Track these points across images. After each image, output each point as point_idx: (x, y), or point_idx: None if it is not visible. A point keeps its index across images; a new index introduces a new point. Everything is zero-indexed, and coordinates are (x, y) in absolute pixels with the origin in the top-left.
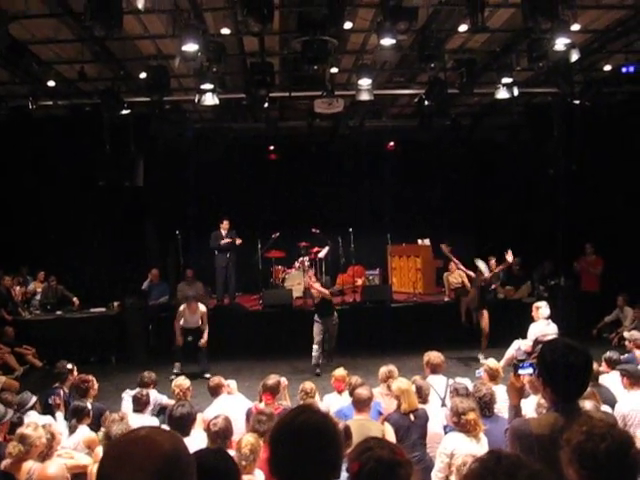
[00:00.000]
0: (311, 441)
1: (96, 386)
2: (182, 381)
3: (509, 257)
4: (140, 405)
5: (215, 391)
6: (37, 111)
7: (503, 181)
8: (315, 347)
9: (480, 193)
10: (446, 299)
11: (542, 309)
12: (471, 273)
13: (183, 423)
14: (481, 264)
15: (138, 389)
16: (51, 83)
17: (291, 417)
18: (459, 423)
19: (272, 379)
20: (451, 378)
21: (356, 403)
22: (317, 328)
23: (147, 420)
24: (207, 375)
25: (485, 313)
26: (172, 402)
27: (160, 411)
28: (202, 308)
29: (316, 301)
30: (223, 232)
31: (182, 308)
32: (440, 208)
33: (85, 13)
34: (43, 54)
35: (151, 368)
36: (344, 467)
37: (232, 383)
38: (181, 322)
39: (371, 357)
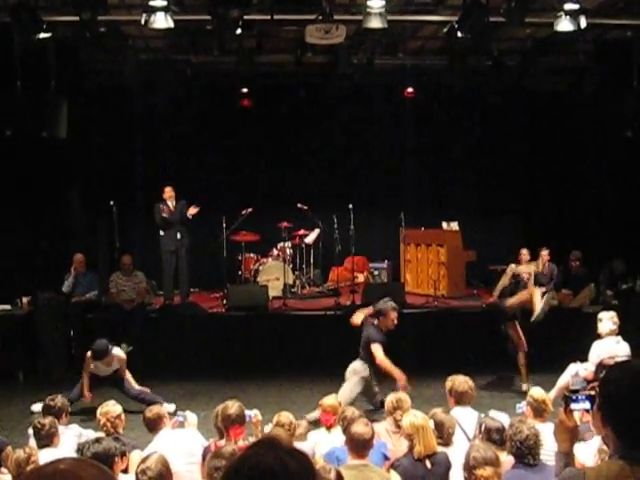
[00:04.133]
0: None
1: None
2: (110, 407)
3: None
4: (43, 438)
5: (154, 425)
6: None
7: (561, 145)
8: None
9: (529, 160)
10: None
11: (609, 322)
12: None
13: None
14: None
15: (39, 418)
16: None
17: (243, 458)
18: None
19: (233, 406)
20: (484, 412)
21: (352, 444)
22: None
23: (63, 455)
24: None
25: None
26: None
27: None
28: (120, 354)
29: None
30: (170, 203)
31: (89, 355)
32: (474, 180)
33: None
34: None
35: (72, 388)
36: None
37: (189, 416)
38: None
39: (375, 381)
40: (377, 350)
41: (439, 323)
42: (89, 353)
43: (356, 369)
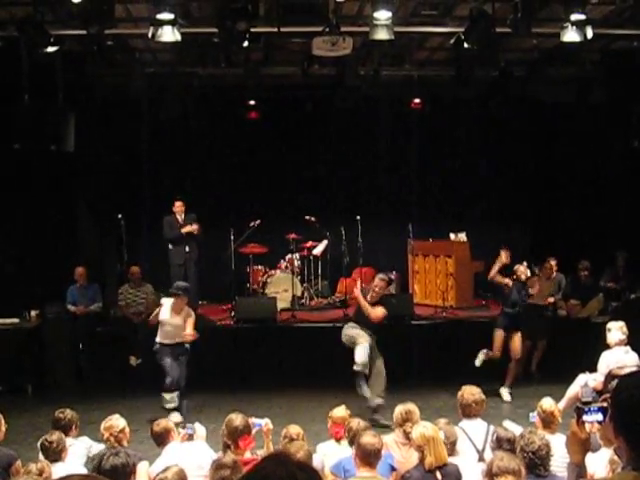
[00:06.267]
0: None
1: (3, 425)
2: (113, 422)
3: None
4: (51, 454)
5: (162, 438)
6: None
7: (568, 155)
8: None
9: (537, 171)
10: None
11: (618, 331)
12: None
13: (117, 478)
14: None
15: (47, 435)
16: None
17: (254, 472)
18: None
19: (237, 418)
20: (492, 424)
21: (362, 454)
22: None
23: (74, 470)
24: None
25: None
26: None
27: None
28: (191, 312)
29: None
30: (179, 217)
31: (166, 300)
32: (482, 191)
33: None
34: None
35: (81, 401)
36: None
37: (198, 428)
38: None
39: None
40: None
41: (448, 334)
42: (163, 300)
43: None
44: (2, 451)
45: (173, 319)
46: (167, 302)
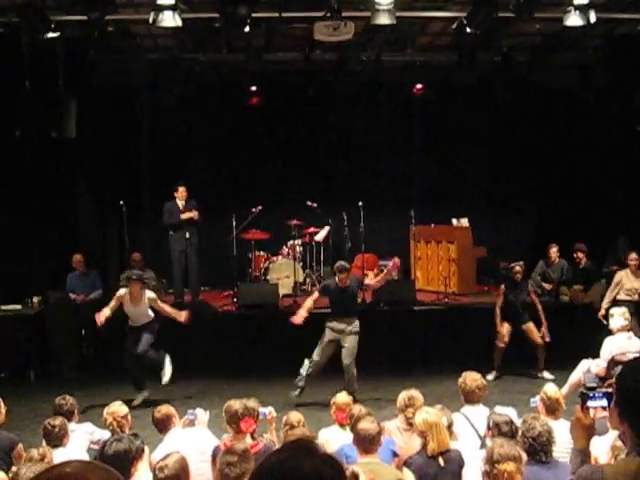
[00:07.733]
0: None
1: (3, 409)
2: (117, 407)
3: None
4: (53, 439)
5: (163, 425)
6: None
7: (571, 140)
8: (306, 363)
9: (539, 156)
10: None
11: (620, 317)
12: None
13: (120, 464)
14: None
15: (50, 419)
16: None
17: (278, 461)
18: (490, 475)
19: (235, 403)
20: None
21: (360, 441)
22: (327, 337)
23: (75, 455)
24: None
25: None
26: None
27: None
28: (149, 294)
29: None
30: (180, 203)
31: (122, 292)
32: (484, 176)
33: None
34: None
35: (84, 387)
36: None
37: (200, 414)
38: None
39: (386, 379)
40: None
41: (450, 320)
42: (122, 291)
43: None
44: (4, 435)
45: (135, 308)
46: (123, 293)
